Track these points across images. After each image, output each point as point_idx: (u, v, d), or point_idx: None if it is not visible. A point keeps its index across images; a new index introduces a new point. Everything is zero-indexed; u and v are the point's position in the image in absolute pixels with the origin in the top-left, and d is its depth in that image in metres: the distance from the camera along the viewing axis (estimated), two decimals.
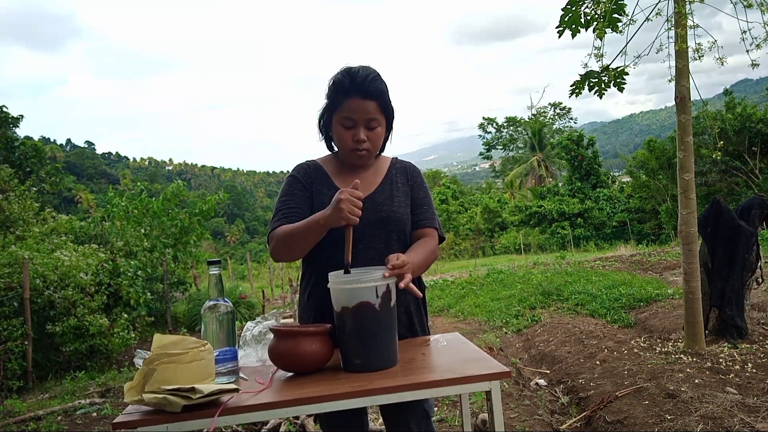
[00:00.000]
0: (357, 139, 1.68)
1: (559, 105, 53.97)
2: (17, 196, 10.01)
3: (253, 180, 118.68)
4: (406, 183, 1.83)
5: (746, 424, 2.64)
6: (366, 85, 1.65)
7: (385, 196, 1.77)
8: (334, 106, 1.70)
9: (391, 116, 1.76)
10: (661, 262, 11.14)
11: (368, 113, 1.67)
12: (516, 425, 3.32)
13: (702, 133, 17.41)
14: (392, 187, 1.80)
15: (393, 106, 1.75)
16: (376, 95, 1.67)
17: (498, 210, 35.16)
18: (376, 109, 1.68)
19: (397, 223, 1.74)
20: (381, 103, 1.69)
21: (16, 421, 4.26)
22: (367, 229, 1.69)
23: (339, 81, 1.67)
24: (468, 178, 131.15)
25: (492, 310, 7.64)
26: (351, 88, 1.65)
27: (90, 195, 51.87)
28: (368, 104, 1.66)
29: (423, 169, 30.78)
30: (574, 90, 4.27)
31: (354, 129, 1.68)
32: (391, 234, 1.74)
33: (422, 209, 1.83)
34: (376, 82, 1.67)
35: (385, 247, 1.70)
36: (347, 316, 1.47)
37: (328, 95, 1.72)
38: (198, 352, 1.32)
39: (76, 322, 6.20)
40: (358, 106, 1.65)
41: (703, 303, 4.09)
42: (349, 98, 1.65)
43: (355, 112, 1.66)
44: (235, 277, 23.97)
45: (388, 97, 1.72)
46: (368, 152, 1.73)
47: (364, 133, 1.68)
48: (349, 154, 1.73)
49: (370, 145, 1.71)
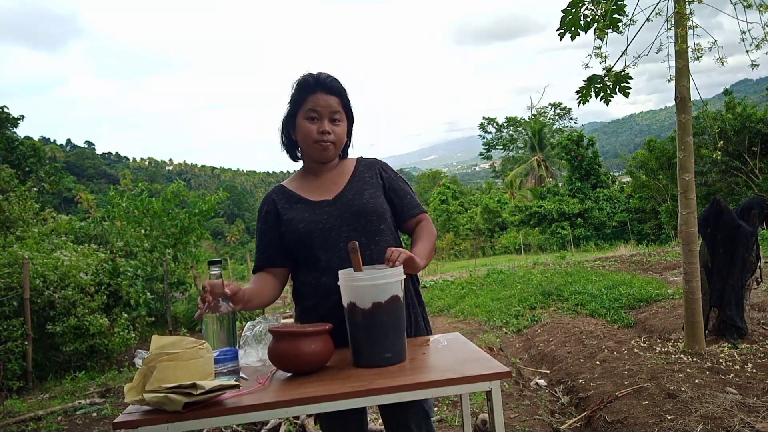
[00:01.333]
0: (322, 130, 1.74)
1: (559, 105, 53.97)
2: (17, 197, 10.01)
3: (253, 180, 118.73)
4: (375, 176, 1.86)
5: (746, 424, 2.64)
6: (328, 82, 1.76)
7: (353, 192, 1.80)
8: (298, 104, 1.77)
9: (352, 119, 1.85)
10: (661, 262, 11.14)
11: (332, 107, 1.76)
12: (516, 425, 3.32)
13: (702, 133, 17.41)
14: (361, 182, 1.83)
15: (353, 111, 1.84)
16: (338, 91, 1.77)
17: (498, 210, 35.17)
18: (339, 104, 1.77)
19: (369, 213, 1.76)
20: (343, 100, 1.79)
21: (16, 421, 4.26)
22: (344, 226, 1.73)
23: (303, 80, 1.77)
24: (468, 178, 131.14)
25: (492, 310, 7.64)
26: (315, 84, 1.75)
27: (90, 195, 51.86)
28: (331, 98, 1.75)
29: (423, 169, 30.64)
30: (581, 97, 4.26)
31: (319, 121, 1.75)
32: (369, 225, 1.76)
33: (407, 199, 1.88)
34: (335, 81, 1.78)
35: (368, 240, 1.72)
36: (358, 313, 1.49)
37: (291, 97, 1.80)
38: (196, 350, 1.32)
39: (76, 322, 6.20)
40: (322, 99, 1.74)
41: (703, 303, 4.09)
42: (314, 93, 1.75)
43: (320, 104, 1.75)
44: (235, 277, 23.97)
45: (348, 98, 1.81)
46: (333, 145, 1.78)
47: (328, 126, 1.75)
48: (313, 147, 1.77)
49: (335, 137, 1.77)
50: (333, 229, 1.73)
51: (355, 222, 1.74)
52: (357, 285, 1.50)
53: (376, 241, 1.75)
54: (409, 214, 1.85)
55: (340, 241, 1.70)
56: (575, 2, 4.01)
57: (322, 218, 1.74)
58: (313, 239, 1.70)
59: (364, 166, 1.89)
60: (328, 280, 1.66)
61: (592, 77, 4.14)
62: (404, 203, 1.86)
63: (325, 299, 1.70)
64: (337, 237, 1.71)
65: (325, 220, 1.74)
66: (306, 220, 1.74)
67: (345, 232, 1.72)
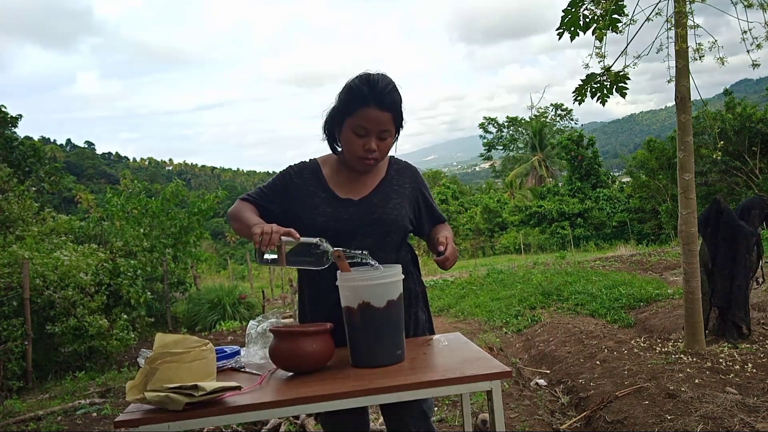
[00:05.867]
0: (368, 148, 1.67)
1: (560, 106, 53.94)
2: (17, 196, 10.01)
3: (253, 180, 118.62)
4: (404, 185, 1.83)
5: (746, 424, 2.64)
6: (384, 96, 1.64)
7: (379, 198, 1.77)
8: (347, 111, 1.67)
9: (401, 126, 1.76)
10: (661, 262, 11.14)
11: (382, 124, 1.66)
12: (516, 425, 3.32)
13: (702, 133, 17.39)
14: (389, 190, 1.80)
15: (404, 116, 1.75)
16: (392, 107, 1.66)
17: (498, 210, 35.16)
18: (390, 121, 1.67)
19: (389, 224, 1.75)
20: (395, 115, 1.69)
21: (16, 422, 4.25)
22: (360, 229, 1.72)
23: (357, 87, 1.65)
24: (468, 178, 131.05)
25: (492, 310, 7.64)
26: (369, 96, 1.63)
27: (90, 195, 51.82)
28: (383, 115, 1.65)
29: (423, 169, 30.53)
30: (577, 96, 4.26)
31: (366, 138, 1.67)
32: (384, 236, 1.75)
33: (434, 209, 1.89)
34: (393, 93, 1.66)
35: (376, 248, 1.70)
36: (355, 313, 1.49)
37: (342, 99, 1.69)
38: (200, 351, 1.32)
39: (75, 322, 6.20)
40: (373, 115, 1.64)
41: (703, 303, 4.09)
42: (366, 107, 1.63)
43: (370, 122, 1.64)
44: (234, 277, 23.96)
45: (401, 108, 1.71)
46: (376, 161, 1.73)
47: (375, 143, 1.67)
48: (356, 161, 1.72)
49: (379, 154, 1.71)
50: (349, 231, 1.71)
51: (373, 229, 1.73)
52: (356, 285, 1.49)
53: (387, 251, 1.74)
54: (433, 224, 1.88)
55: (353, 244, 1.67)
56: (575, 2, 4.01)
57: (342, 217, 1.72)
58: (327, 236, 1.65)
59: (395, 171, 1.85)
60: (328, 277, 1.66)
61: (590, 76, 4.14)
62: (431, 215, 1.88)
63: (325, 297, 1.70)
64: (350, 239, 1.68)
65: (345, 219, 1.72)
66: (327, 214, 1.72)
67: (359, 236, 1.70)
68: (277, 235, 1.50)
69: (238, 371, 1.59)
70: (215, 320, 9.29)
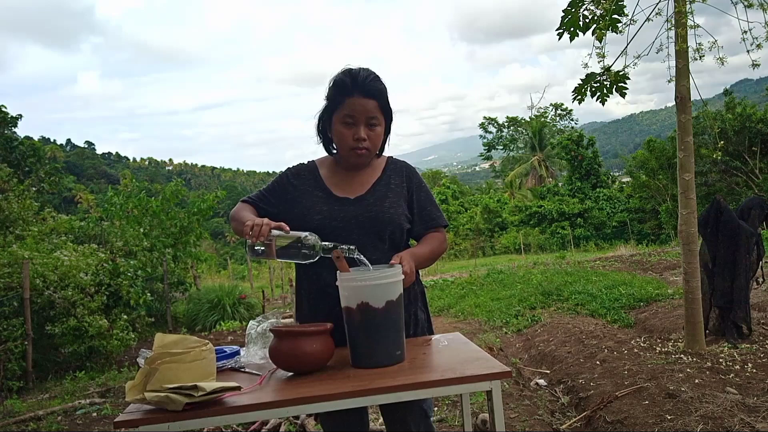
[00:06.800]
0: (358, 137, 1.70)
1: (560, 106, 53.92)
2: (17, 196, 10.00)
3: (253, 180, 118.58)
4: (401, 184, 1.84)
5: (746, 424, 2.64)
6: (367, 84, 1.68)
7: (376, 196, 1.78)
8: (334, 105, 1.72)
9: (390, 118, 1.79)
10: (661, 262, 11.14)
11: (369, 111, 1.70)
12: (516, 425, 3.32)
13: (702, 133, 17.40)
14: (386, 188, 1.81)
15: (392, 108, 1.77)
16: (377, 94, 1.70)
17: (498, 210, 35.15)
18: (376, 108, 1.71)
19: (386, 223, 1.75)
20: (381, 103, 1.72)
21: (16, 421, 4.25)
22: (357, 228, 1.73)
23: (340, 80, 1.70)
24: (468, 178, 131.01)
25: (492, 310, 7.64)
26: (352, 86, 1.68)
27: (90, 195, 51.80)
28: (369, 102, 1.69)
29: (423, 169, 30.56)
30: (577, 96, 4.26)
31: (355, 127, 1.71)
32: (381, 234, 1.75)
33: (427, 210, 1.85)
34: (376, 82, 1.71)
35: (374, 247, 1.71)
36: (354, 313, 1.49)
37: (328, 95, 1.75)
38: (199, 351, 1.32)
39: (75, 322, 6.19)
40: (359, 104, 1.68)
41: (703, 303, 4.09)
42: (350, 97, 1.68)
43: (356, 110, 1.69)
44: (234, 277, 23.96)
45: (387, 97, 1.75)
46: (368, 151, 1.74)
47: (364, 131, 1.71)
48: (349, 153, 1.74)
49: (370, 143, 1.73)
50: (345, 229, 1.72)
51: (369, 228, 1.73)
52: (355, 285, 1.49)
53: (381, 249, 1.74)
54: (427, 225, 1.84)
55: (348, 242, 1.68)
56: (575, 2, 4.01)
57: (339, 216, 1.73)
58: (324, 234, 1.66)
59: (392, 170, 1.86)
60: (328, 276, 1.66)
61: (590, 76, 4.14)
62: (424, 215, 1.84)
63: (325, 296, 1.70)
64: (346, 238, 1.68)
65: (341, 218, 1.73)
66: (323, 213, 1.73)
67: (355, 235, 1.71)
68: (267, 228, 1.52)
69: (238, 371, 1.59)
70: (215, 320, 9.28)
